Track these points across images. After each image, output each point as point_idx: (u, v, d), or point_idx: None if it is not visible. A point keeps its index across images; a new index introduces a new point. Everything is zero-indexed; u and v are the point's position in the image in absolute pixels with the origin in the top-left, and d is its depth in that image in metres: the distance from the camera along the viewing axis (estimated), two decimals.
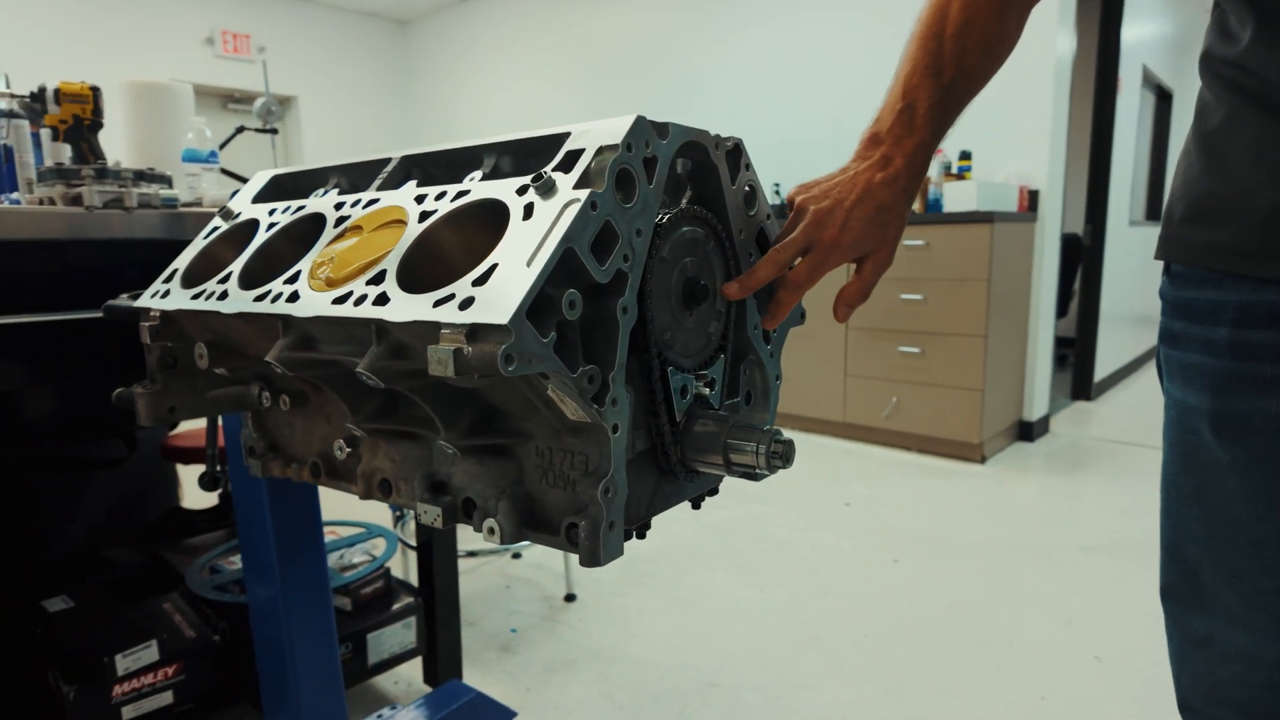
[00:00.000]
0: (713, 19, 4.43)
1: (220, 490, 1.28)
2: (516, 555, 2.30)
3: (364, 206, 0.63)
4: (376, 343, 0.52)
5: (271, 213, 0.71)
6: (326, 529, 1.80)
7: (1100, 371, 4.41)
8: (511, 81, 5.61)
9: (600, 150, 0.52)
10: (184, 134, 1.44)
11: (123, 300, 0.77)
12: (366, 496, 0.68)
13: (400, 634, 1.47)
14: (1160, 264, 0.66)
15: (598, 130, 0.54)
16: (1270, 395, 0.56)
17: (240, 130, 1.63)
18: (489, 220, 0.56)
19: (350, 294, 0.54)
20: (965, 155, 3.40)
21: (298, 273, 0.60)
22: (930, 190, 3.34)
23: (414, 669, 1.64)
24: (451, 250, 0.57)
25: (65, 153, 1.34)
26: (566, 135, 0.56)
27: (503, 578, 2.16)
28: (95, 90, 1.25)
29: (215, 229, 0.75)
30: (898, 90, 0.67)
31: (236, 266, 0.66)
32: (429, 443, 0.64)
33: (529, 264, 0.47)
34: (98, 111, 1.26)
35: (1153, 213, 5.50)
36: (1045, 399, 3.65)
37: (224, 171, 1.48)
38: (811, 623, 1.88)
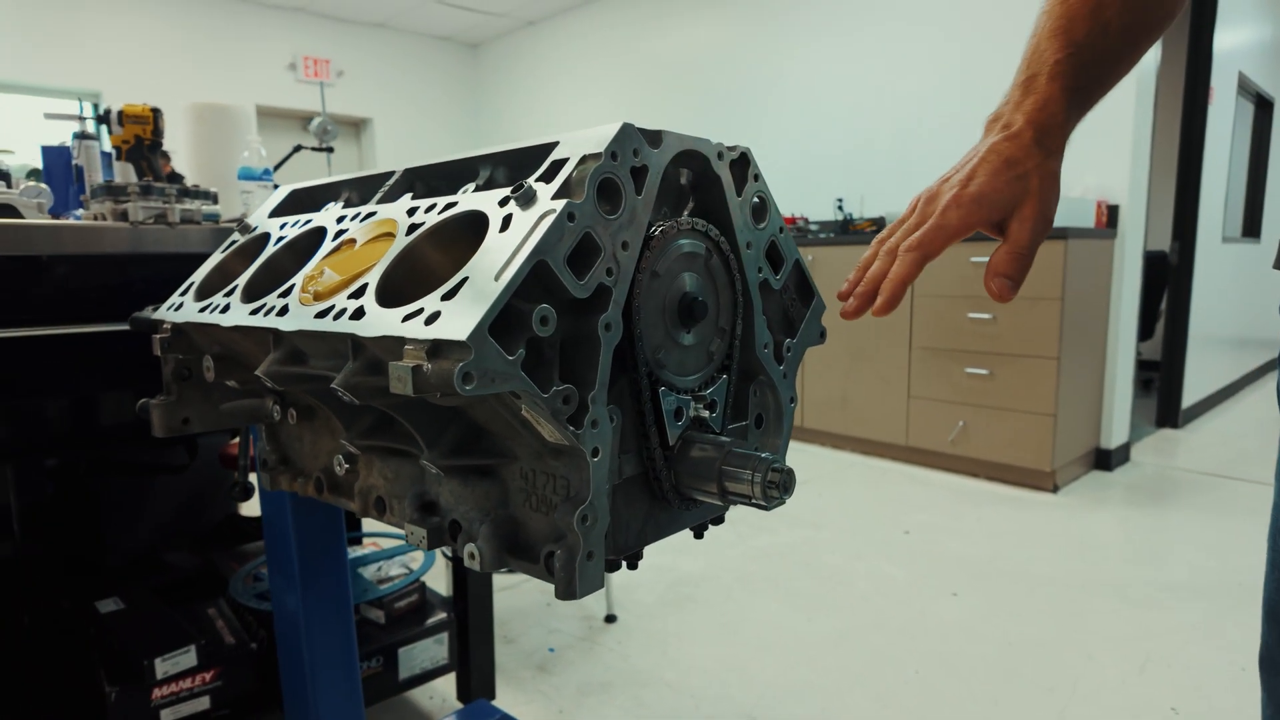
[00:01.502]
0: (775, 35, 4.39)
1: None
2: None
3: (361, 220, 0.62)
4: (353, 358, 0.51)
5: (282, 226, 0.71)
6: (368, 540, 1.82)
7: (1189, 397, 4.12)
8: (577, 99, 5.69)
9: (583, 159, 0.50)
10: (237, 151, 1.50)
11: (147, 313, 0.79)
12: (364, 514, 0.67)
13: (432, 649, 1.46)
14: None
15: (584, 138, 0.52)
16: None
17: (298, 149, 1.69)
18: (473, 233, 0.54)
19: (332, 308, 0.53)
20: None
21: (291, 286, 0.59)
22: None
23: (449, 685, 1.63)
24: (437, 264, 0.56)
25: (130, 172, 1.40)
26: (555, 144, 0.54)
27: (544, 595, 2.15)
28: (155, 112, 1.31)
29: (233, 242, 0.76)
30: (1021, 64, 0.57)
31: (242, 280, 0.66)
32: (420, 461, 0.63)
33: (497, 278, 0.45)
34: (157, 132, 1.32)
35: (1250, 229, 5.15)
36: (1125, 425, 3.43)
37: (277, 188, 1.53)
38: (860, 657, 1.79)
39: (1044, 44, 0.56)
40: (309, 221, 0.68)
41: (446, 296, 0.46)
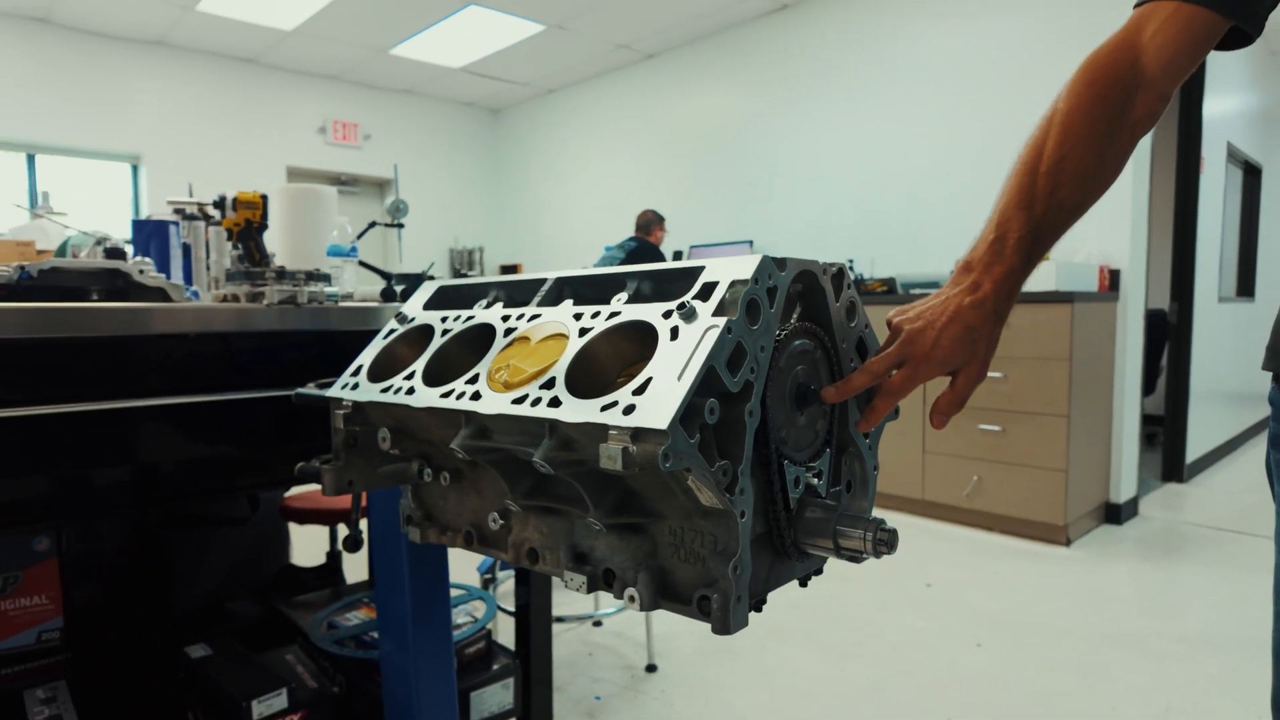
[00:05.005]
0: (788, 103, 4.64)
1: (341, 550, 1.41)
2: (598, 623, 2.37)
3: (528, 320, 0.76)
4: (549, 437, 0.64)
5: (444, 320, 0.85)
6: None
7: (1193, 452, 4.24)
8: (594, 162, 5.93)
9: (733, 284, 0.64)
10: (328, 231, 1.65)
11: (311, 389, 0.92)
12: (516, 563, 0.79)
13: (499, 694, 1.55)
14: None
15: (728, 265, 0.66)
16: None
17: (372, 225, 1.84)
18: (634, 335, 0.68)
19: (527, 396, 0.66)
20: None
21: (476, 375, 0.72)
22: None
23: None
24: (604, 358, 0.69)
25: (227, 249, 1.56)
26: (701, 269, 0.68)
27: (585, 645, 2.23)
28: (264, 198, 1.46)
29: (393, 330, 0.90)
30: (992, 222, 0.73)
31: (419, 366, 0.79)
32: (572, 518, 0.75)
33: (679, 378, 0.58)
34: (265, 215, 1.47)
35: (1244, 288, 5.34)
36: (1133, 480, 3.54)
37: (361, 263, 1.68)
38: (894, 705, 1.87)
39: (1010, 213, 0.72)
40: (471, 318, 0.82)
41: (637, 392, 0.59)
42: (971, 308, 0.70)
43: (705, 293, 0.65)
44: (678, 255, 5.05)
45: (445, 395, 0.73)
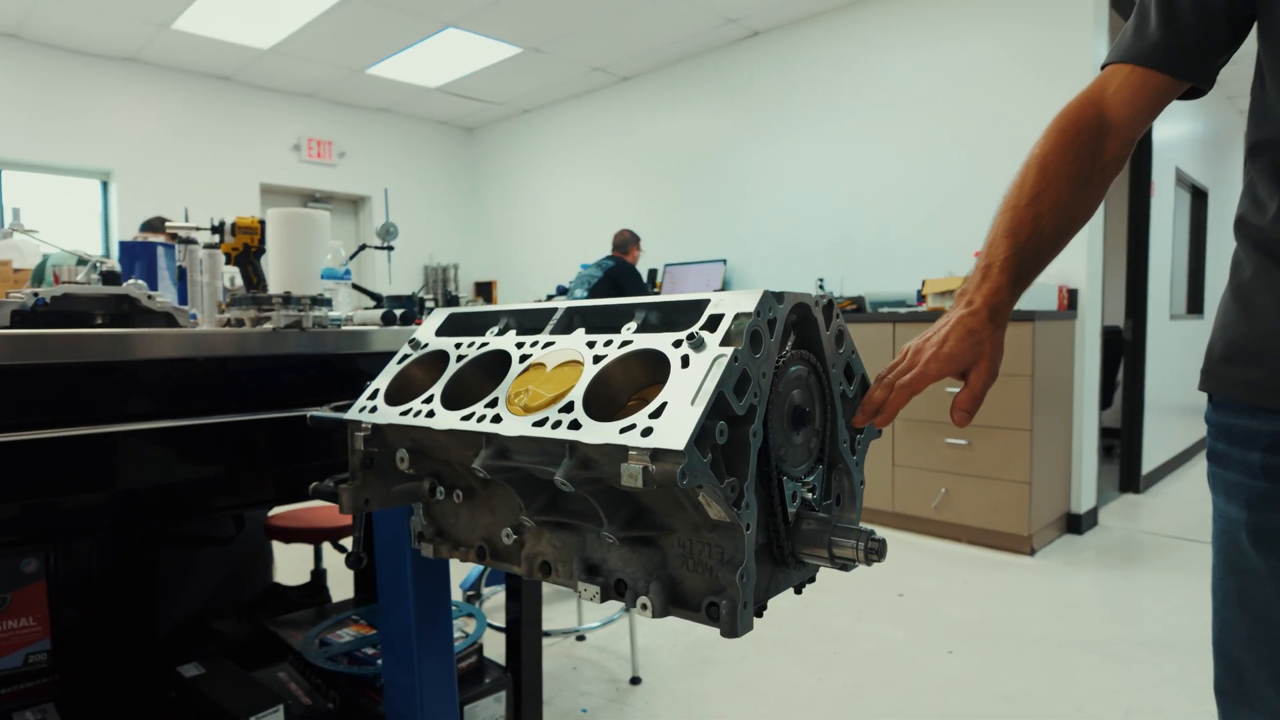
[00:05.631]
0: (758, 126, 4.76)
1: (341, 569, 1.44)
2: (581, 638, 2.41)
3: (542, 347, 0.81)
4: (569, 457, 0.69)
5: (458, 346, 0.90)
6: None
7: (1148, 464, 4.41)
8: (569, 181, 6.01)
9: (737, 316, 0.70)
10: (322, 254, 1.68)
11: (326, 412, 0.96)
12: (529, 576, 0.84)
13: (492, 707, 1.59)
14: None
15: (732, 299, 0.72)
16: None
17: (363, 248, 1.88)
18: (645, 361, 0.74)
19: (547, 419, 0.71)
20: None
21: (496, 399, 0.78)
22: None
23: None
24: (616, 383, 0.75)
25: (220, 270, 1.59)
26: (707, 301, 0.74)
27: (569, 659, 2.27)
28: (262, 223, 1.50)
29: (406, 355, 0.94)
30: (983, 251, 0.82)
31: (437, 390, 0.84)
32: (584, 532, 0.80)
33: (693, 403, 0.64)
34: (263, 240, 1.50)
35: (1194, 306, 5.57)
36: (1093, 491, 3.68)
37: (355, 286, 1.71)
38: (872, 712, 1.94)
39: (998, 241, 0.81)
40: (485, 344, 0.87)
41: (654, 415, 0.65)
42: (969, 316, 0.78)
43: (712, 324, 0.71)
44: (653, 274, 5.12)
45: (466, 418, 0.78)
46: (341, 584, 2.25)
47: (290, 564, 2.46)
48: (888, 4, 4.15)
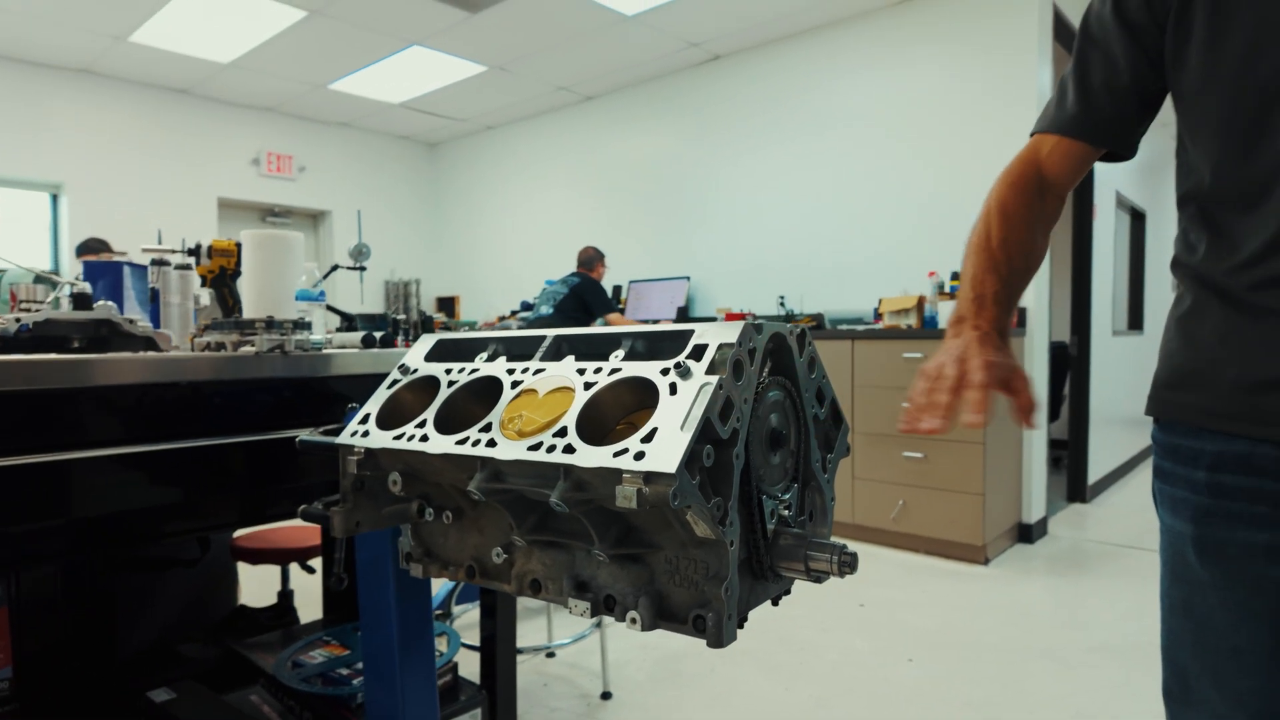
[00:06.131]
0: (720, 146, 4.86)
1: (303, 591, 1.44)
2: (551, 654, 2.42)
3: (533, 374, 0.85)
4: (564, 480, 0.73)
5: (448, 372, 0.93)
6: None
7: (1094, 474, 4.59)
8: (533, 197, 6.04)
9: (721, 346, 0.75)
10: (296, 275, 1.69)
11: (315, 436, 0.99)
12: (519, 594, 0.87)
13: None
14: None
15: (715, 330, 0.77)
16: (1240, 527, 0.75)
17: (335, 268, 1.89)
18: (633, 388, 0.78)
19: (541, 444, 0.75)
20: (955, 276, 3.71)
21: (489, 424, 0.81)
22: (926, 308, 3.64)
23: None
24: (606, 408, 0.79)
25: (191, 292, 1.59)
26: (691, 332, 0.79)
27: (540, 675, 2.28)
28: (239, 245, 1.51)
29: (396, 381, 0.97)
30: (968, 286, 0.88)
31: (430, 415, 0.87)
32: (574, 551, 0.84)
33: (682, 428, 0.69)
34: (239, 262, 1.51)
35: (1134, 322, 5.83)
36: (1043, 502, 3.83)
37: (329, 308, 1.73)
38: None
39: (983, 276, 0.88)
40: (476, 370, 0.91)
41: (645, 440, 0.69)
42: (986, 336, 0.83)
43: (697, 353, 0.76)
44: (617, 290, 5.18)
45: (461, 442, 0.81)
46: (309, 605, 2.23)
47: (255, 585, 2.43)
48: (844, 31, 4.29)
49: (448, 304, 6.57)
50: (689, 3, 4.02)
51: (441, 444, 0.83)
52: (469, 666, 1.82)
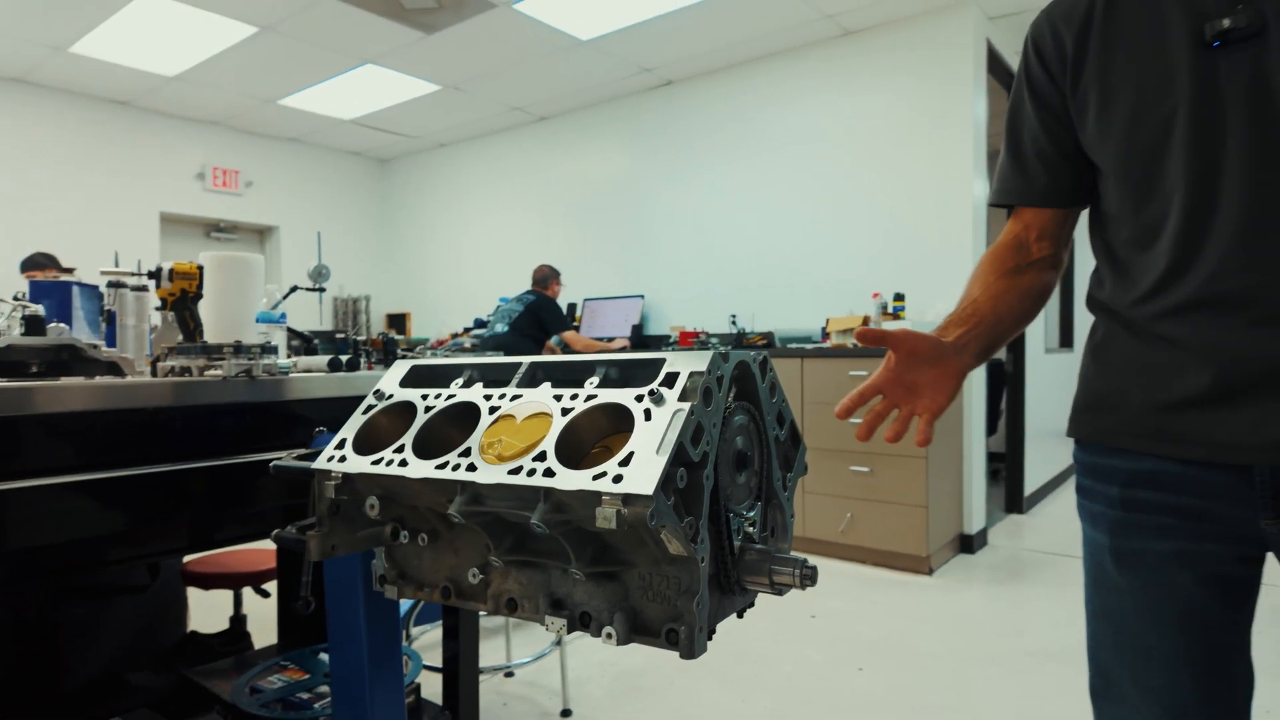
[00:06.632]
0: (672, 168, 4.96)
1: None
2: (509, 674, 2.43)
3: (510, 400, 0.89)
4: (544, 502, 0.77)
5: (425, 397, 0.96)
6: None
7: (1030, 485, 4.80)
8: (487, 215, 6.04)
9: (692, 374, 0.80)
10: (257, 298, 1.69)
11: (291, 461, 1.00)
12: (495, 613, 0.90)
13: None
14: None
15: (686, 359, 0.82)
16: (1150, 538, 0.84)
17: (294, 289, 1.89)
18: (609, 413, 0.83)
19: (521, 468, 0.79)
20: (899, 297, 3.86)
21: (469, 449, 0.85)
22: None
23: None
24: (582, 433, 0.83)
25: (147, 314, 1.58)
26: (663, 361, 0.84)
27: (499, 695, 2.29)
28: (200, 268, 1.50)
29: (371, 406, 1.00)
30: (956, 319, 0.98)
31: (407, 440, 0.90)
32: (549, 570, 0.87)
33: (657, 452, 0.74)
34: (200, 285, 1.51)
35: (1065, 340, 6.11)
36: (983, 513, 3.98)
37: (290, 330, 1.72)
38: None
39: (958, 309, 0.97)
40: (453, 396, 0.94)
41: (623, 463, 0.74)
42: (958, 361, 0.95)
43: (669, 381, 0.81)
44: (572, 308, 5.21)
45: (440, 467, 0.84)
46: (262, 630, 2.19)
47: (206, 611, 2.38)
48: (791, 60, 4.44)
49: (398, 321, 6.50)
50: (643, 30, 4.12)
51: (421, 469, 0.86)
52: (431, 688, 1.82)
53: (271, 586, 2.17)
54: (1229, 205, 0.74)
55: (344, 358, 1.41)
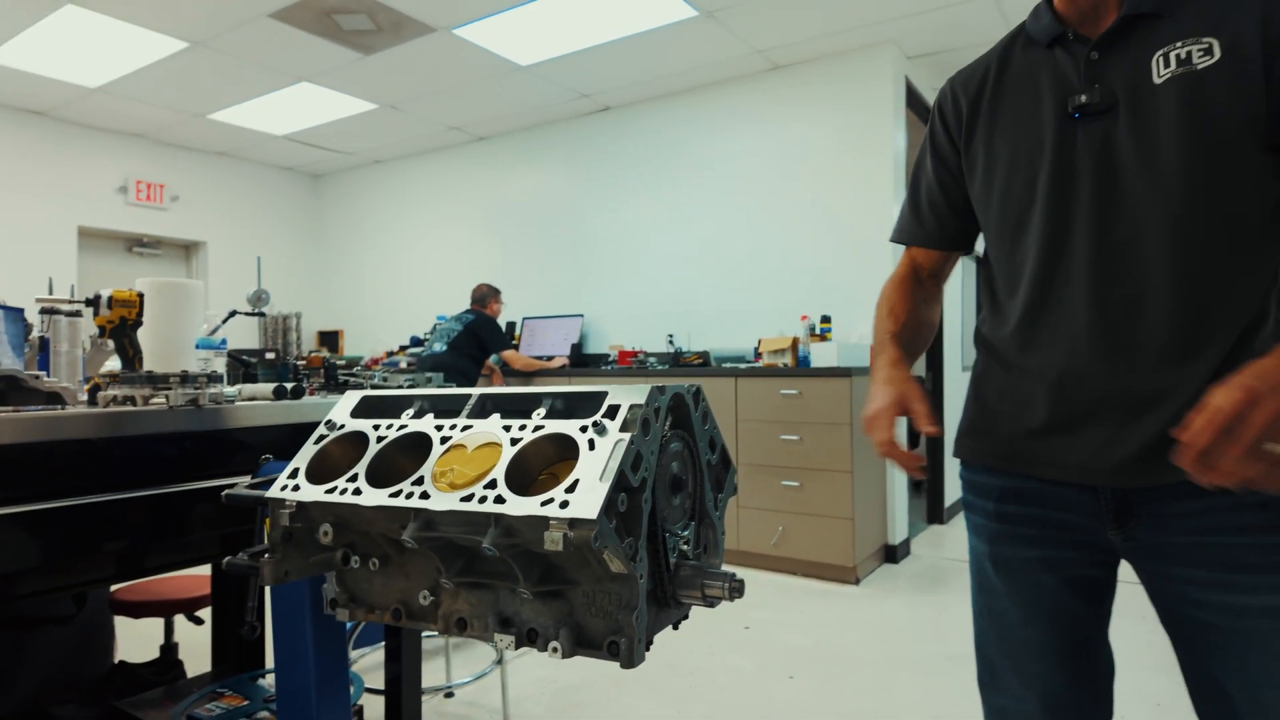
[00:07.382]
0: (609, 190, 5.06)
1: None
2: (449, 694, 2.44)
3: (461, 430, 0.95)
4: (495, 527, 0.83)
5: (376, 428, 1.01)
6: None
7: (950, 497, 5.04)
8: (424, 233, 6.01)
9: (632, 406, 0.88)
10: (196, 324, 1.69)
11: (244, 490, 1.03)
12: (445, 632, 0.96)
13: None
14: None
15: (626, 391, 0.90)
16: (1021, 546, 0.96)
17: (233, 314, 1.89)
18: (555, 442, 0.90)
19: (473, 495, 0.85)
20: (826, 319, 4.04)
21: (421, 478, 0.90)
22: (800, 349, 3.93)
23: None
24: (530, 460, 0.90)
25: (80, 340, 1.57)
26: (605, 394, 0.92)
27: (440, 716, 2.30)
28: (141, 296, 1.51)
29: (323, 436, 1.04)
30: (881, 346, 1.07)
31: (361, 469, 0.95)
32: (498, 590, 0.93)
33: (600, 479, 0.81)
34: (140, 312, 1.51)
35: None
36: (905, 524, 4.18)
37: (231, 354, 1.73)
38: None
39: (886, 349, 1.07)
40: (405, 426, 0.99)
41: (569, 490, 0.81)
42: (896, 379, 1.02)
43: (611, 412, 0.89)
44: (512, 326, 5.24)
45: (394, 495, 0.90)
46: (194, 658, 2.16)
47: (134, 640, 2.32)
48: (724, 91, 4.61)
49: (330, 338, 6.39)
50: (581, 58, 4.21)
51: (374, 497, 0.91)
52: (373, 710, 1.84)
53: (205, 613, 2.14)
54: (1078, 254, 0.88)
55: (289, 385, 1.44)
